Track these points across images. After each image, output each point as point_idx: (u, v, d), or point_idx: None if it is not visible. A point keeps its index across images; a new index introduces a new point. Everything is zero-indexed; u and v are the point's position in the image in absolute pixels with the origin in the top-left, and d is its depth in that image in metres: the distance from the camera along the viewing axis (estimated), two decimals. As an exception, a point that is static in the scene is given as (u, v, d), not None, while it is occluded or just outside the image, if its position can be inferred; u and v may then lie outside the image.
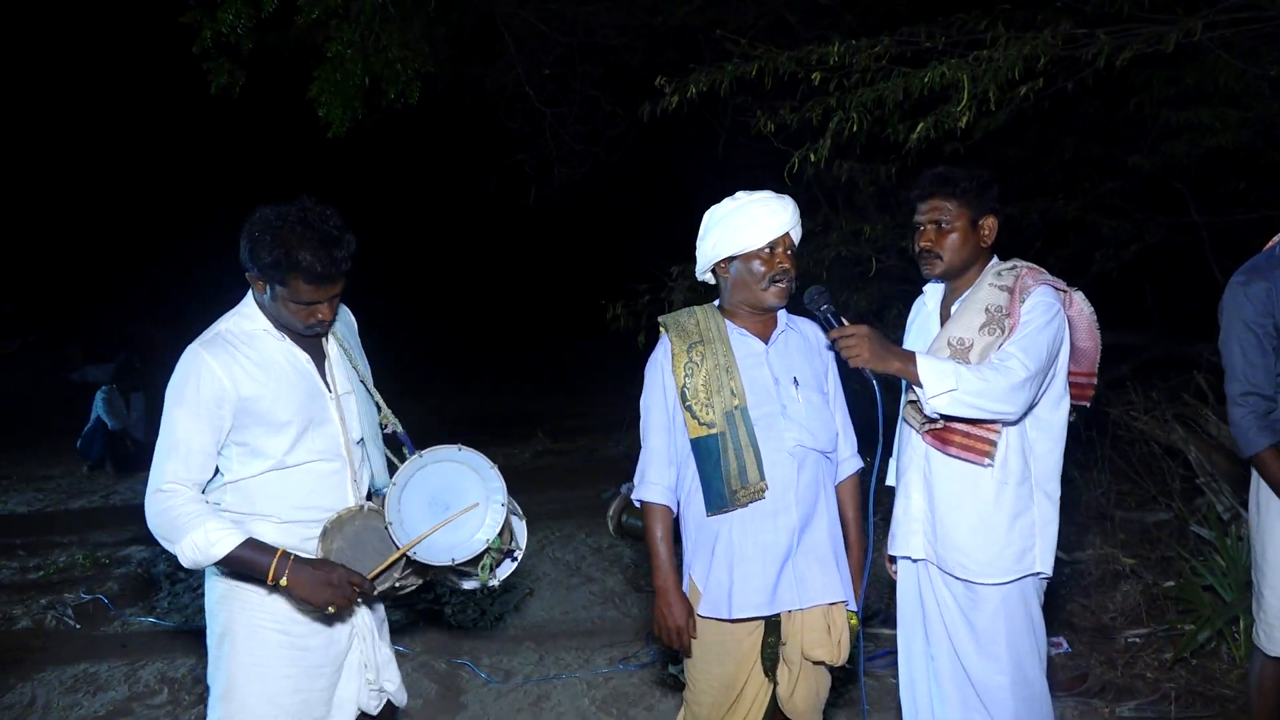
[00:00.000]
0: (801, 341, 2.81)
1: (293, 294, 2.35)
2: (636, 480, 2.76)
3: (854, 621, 2.74)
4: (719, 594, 2.64)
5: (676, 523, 2.78)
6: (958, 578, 2.70)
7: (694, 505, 2.71)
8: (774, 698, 2.77)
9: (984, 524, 2.66)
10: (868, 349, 2.49)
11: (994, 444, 2.63)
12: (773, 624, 2.69)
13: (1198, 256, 6.85)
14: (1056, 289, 2.69)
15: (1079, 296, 2.77)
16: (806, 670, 2.72)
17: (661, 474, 2.72)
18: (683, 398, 2.66)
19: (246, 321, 2.46)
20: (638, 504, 2.76)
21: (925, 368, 2.51)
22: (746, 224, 2.65)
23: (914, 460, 2.80)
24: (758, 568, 2.62)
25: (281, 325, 2.47)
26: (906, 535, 2.81)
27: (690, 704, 2.78)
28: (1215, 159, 6.08)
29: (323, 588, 2.32)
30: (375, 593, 2.47)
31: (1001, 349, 2.57)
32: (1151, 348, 7.13)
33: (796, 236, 2.73)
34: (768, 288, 2.66)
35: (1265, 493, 3.07)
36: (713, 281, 2.83)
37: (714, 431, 2.61)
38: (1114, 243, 6.61)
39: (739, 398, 2.63)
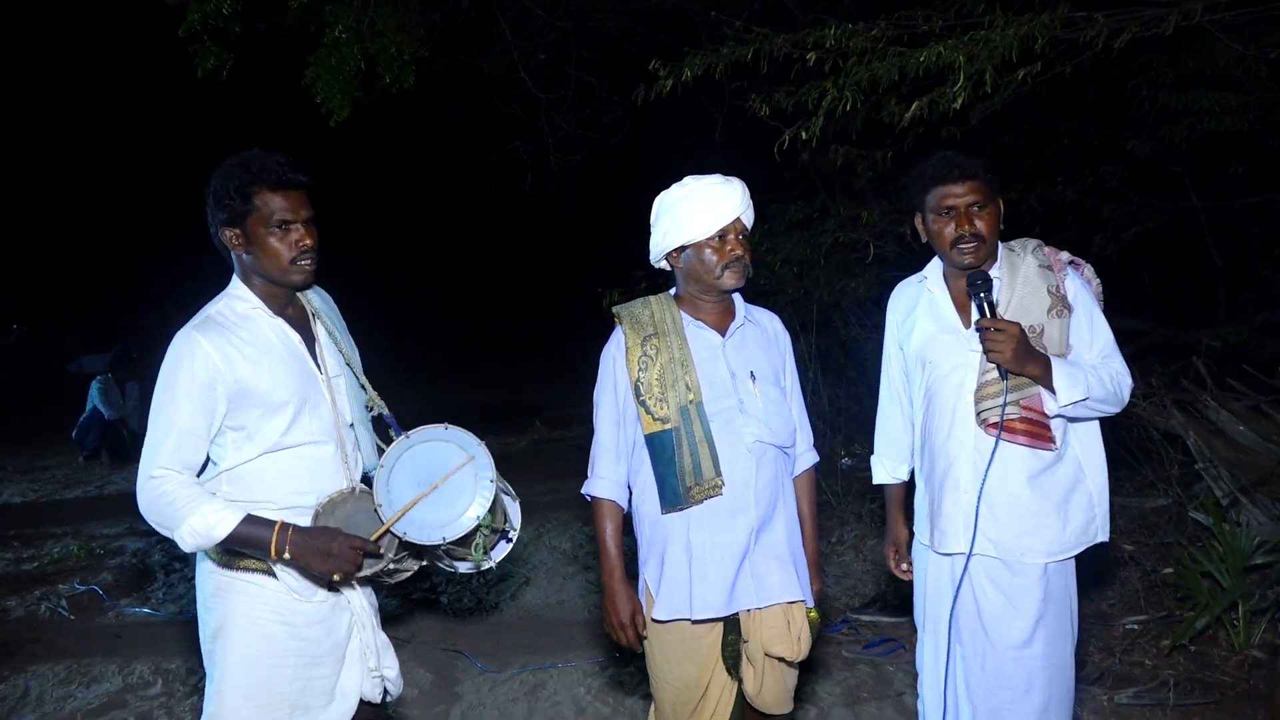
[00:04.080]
0: (759, 334, 2.75)
1: (266, 215, 2.36)
2: (588, 474, 2.70)
3: (813, 615, 2.70)
4: (678, 594, 2.57)
5: (628, 518, 2.73)
6: (1024, 561, 2.64)
7: (648, 503, 2.65)
8: (742, 694, 2.72)
9: (1047, 504, 2.63)
10: (1010, 350, 2.49)
11: (1051, 428, 2.62)
12: (732, 622, 2.64)
13: (1197, 241, 6.82)
14: (1074, 265, 2.73)
15: (1089, 270, 2.79)
16: (771, 665, 2.67)
17: (610, 469, 2.66)
18: (636, 392, 2.60)
19: (239, 302, 2.44)
20: (588, 498, 2.70)
21: (1061, 375, 2.52)
22: (695, 213, 2.58)
23: (962, 453, 2.68)
24: (715, 567, 2.56)
25: (271, 279, 2.43)
26: (957, 531, 2.69)
27: (657, 704, 2.74)
28: (1214, 143, 6.05)
29: (324, 557, 2.31)
30: (369, 572, 2.45)
31: (1105, 355, 2.64)
32: (1150, 333, 7.11)
33: (749, 220, 2.66)
34: (721, 275, 2.60)
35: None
36: (667, 268, 2.76)
37: (668, 427, 2.55)
38: (1113, 227, 6.58)
39: (694, 392, 2.57)
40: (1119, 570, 4.85)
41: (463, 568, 2.63)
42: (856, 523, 6.01)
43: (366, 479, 2.60)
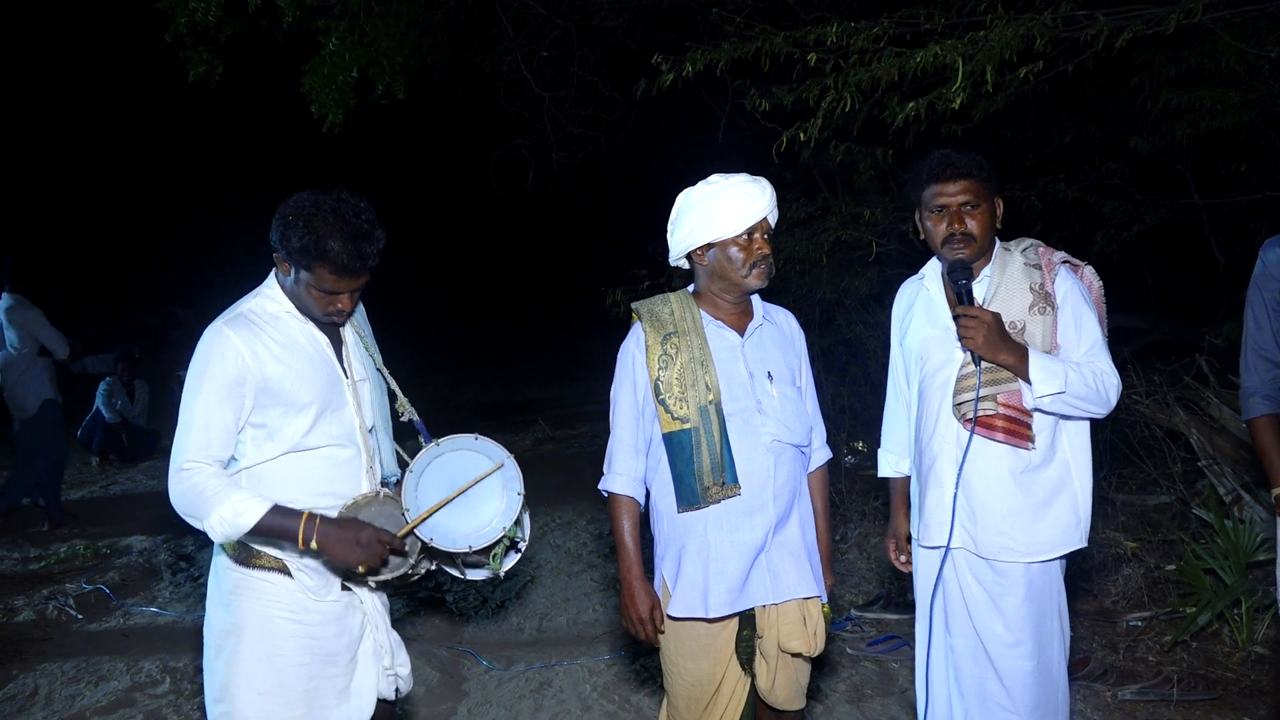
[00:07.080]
0: (776, 333, 2.77)
1: (317, 281, 2.37)
2: (604, 470, 2.71)
3: (827, 611, 2.72)
4: (693, 593, 2.58)
5: (645, 514, 2.73)
6: (1003, 560, 2.65)
7: (665, 500, 2.66)
8: (754, 689, 2.73)
9: (1029, 504, 2.63)
10: (983, 336, 2.52)
11: (1032, 427, 2.62)
12: (747, 618, 2.65)
13: (1199, 238, 6.83)
14: (1070, 265, 2.73)
15: (1089, 271, 2.78)
16: (784, 661, 2.69)
17: (628, 465, 2.67)
18: (656, 391, 2.61)
19: (270, 303, 2.47)
20: (605, 494, 2.71)
21: (1036, 367, 2.53)
22: (723, 210, 2.59)
23: (944, 448, 2.72)
24: (734, 566, 2.58)
25: (302, 309, 2.47)
26: (939, 525, 2.72)
27: (670, 699, 2.75)
28: (1216, 141, 6.05)
29: (352, 547, 2.34)
30: (394, 575, 2.48)
31: (1092, 355, 2.60)
32: (1152, 330, 7.12)
33: (774, 220, 2.67)
34: (748, 274, 2.61)
35: None
36: (686, 267, 2.77)
37: (687, 426, 2.57)
38: (1115, 224, 6.58)
39: (714, 392, 2.58)
40: (1122, 567, 4.86)
41: (475, 575, 2.66)
42: (860, 520, 6.03)
43: (385, 484, 2.63)
